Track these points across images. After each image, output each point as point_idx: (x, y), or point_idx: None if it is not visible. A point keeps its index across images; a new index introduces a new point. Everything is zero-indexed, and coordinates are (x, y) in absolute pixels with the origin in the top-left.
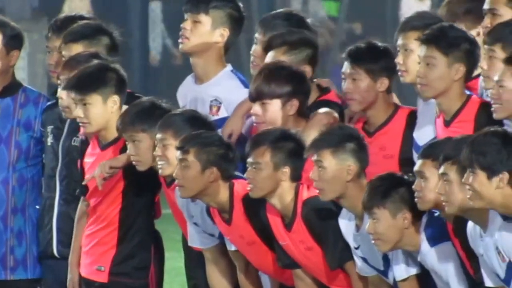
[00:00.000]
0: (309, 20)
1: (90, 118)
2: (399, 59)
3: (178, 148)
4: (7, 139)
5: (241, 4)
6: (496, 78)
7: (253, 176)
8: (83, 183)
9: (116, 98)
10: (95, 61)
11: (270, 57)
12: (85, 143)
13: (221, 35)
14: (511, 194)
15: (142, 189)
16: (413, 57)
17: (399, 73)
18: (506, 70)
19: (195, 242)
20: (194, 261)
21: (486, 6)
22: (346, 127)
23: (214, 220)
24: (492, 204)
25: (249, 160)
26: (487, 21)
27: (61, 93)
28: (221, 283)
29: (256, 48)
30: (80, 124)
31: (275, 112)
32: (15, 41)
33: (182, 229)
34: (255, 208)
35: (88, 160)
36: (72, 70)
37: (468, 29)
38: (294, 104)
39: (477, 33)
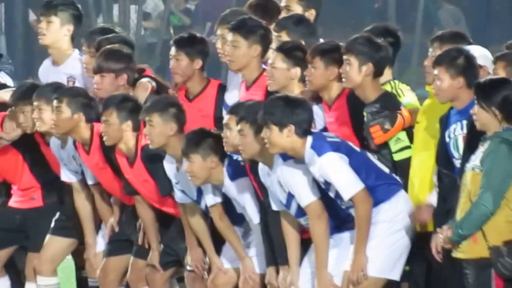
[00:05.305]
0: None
1: None
2: (218, 44)
3: (54, 98)
4: None
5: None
6: (270, 61)
7: (106, 130)
8: None
9: None
10: None
11: None
12: None
13: (68, 30)
14: (297, 141)
15: (32, 146)
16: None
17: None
18: (277, 55)
19: (64, 178)
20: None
21: (282, 3)
22: (168, 97)
23: (78, 151)
24: (285, 150)
25: (102, 118)
26: (282, 15)
27: None
28: (84, 206)
29: (84, 58)
30: None
31: (109, 82)
32: None
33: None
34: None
35: None
36: None
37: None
38: (124, 77)
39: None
